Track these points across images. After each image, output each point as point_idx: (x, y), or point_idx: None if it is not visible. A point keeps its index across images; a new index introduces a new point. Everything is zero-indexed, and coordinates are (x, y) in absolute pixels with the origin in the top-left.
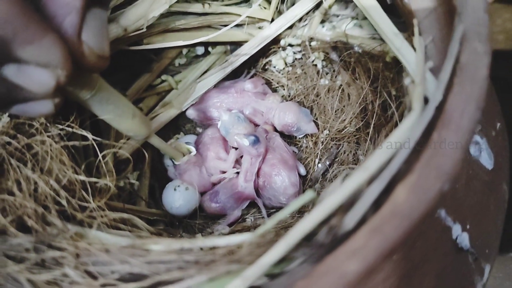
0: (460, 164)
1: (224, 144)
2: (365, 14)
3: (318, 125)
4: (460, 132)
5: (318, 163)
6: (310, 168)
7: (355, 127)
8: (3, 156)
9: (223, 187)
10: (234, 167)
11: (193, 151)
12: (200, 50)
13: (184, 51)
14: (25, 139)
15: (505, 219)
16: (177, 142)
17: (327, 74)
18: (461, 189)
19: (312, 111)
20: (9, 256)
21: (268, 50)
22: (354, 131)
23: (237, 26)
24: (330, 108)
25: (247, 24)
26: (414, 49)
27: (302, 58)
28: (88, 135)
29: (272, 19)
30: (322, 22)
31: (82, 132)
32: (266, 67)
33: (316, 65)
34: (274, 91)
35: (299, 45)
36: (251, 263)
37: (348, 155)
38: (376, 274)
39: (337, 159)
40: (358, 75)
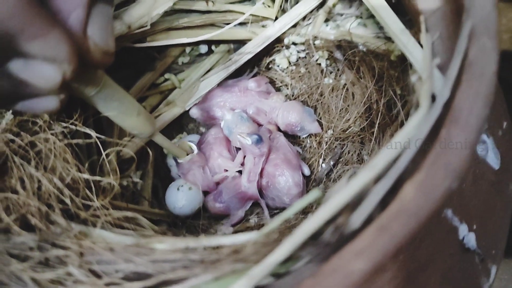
0: (468, 162)
1: (227, 144)
2: (371, 10)
3: (322, 124)
4: (468, 129)
5: (322, 163)
6: (314, 168)
7: (359, 127)
8: (7, 154)
9: (226, 187)
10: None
11: (195, 150)
12: (203, 48)
13: (188, 49)
14: (28, 136)
15: (511, 220)
16: (181, 141)
17: (331, 73)
18: (467, 189)
19: (316, 111)
20: (12, 254)
21: (271, 48)
22: (359, 131)
23: (240, 24)
24: (334, 107)
25: (251, 22)
26: (421, 45)
27: (306, 57)
28: (92, 133)
29: (276, 18)
30: (326, 21)
31: (85, 130)
32: (270, 66)
33: (320, 64)
34: (278, 90)
35: (303, 43)
36: (256, 262)
37: (352, 155)
38: (382, 274)
39: (341, 159)
40: (362, 74)
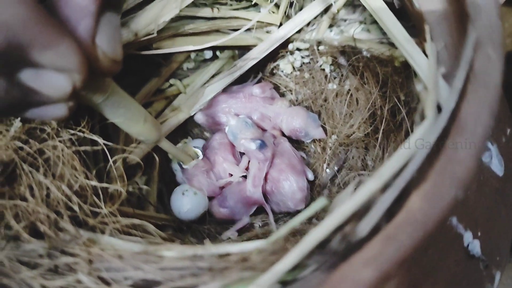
0: (474, 172)
1: (232, 149)
2: (376, 18)
3: (326, 130)
4: (474, 139)
5: (326, 168)
6: (318, 174)
7: (363, 132)
8: (16, 162)
9: (231, 192)
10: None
11: (200, 155)
12: (208, 54)
13: (192, 55)
14: (37, 144)
15: None
16: (186, 146)
17: (335, 78)
18: (472, 196)
19: (320, 116)
20: (22, 262)
21: (276, 54)
22: (363, 136)
23: (245, 30)
24: (338, 113)
25: (255, 28)
26: (426, 55)
27: (310, 63)
28: (99, 140)
29: (281, 24)
30: (330, 27)
31: (93, 137)
32: (274, 72)
33: (324, 69)
34: (282, 95)
35: (307, 49)
36: (264, 270)
37: (356, 160)
38: (388, 282)
39: (345, 165)
40: (366, 79)
